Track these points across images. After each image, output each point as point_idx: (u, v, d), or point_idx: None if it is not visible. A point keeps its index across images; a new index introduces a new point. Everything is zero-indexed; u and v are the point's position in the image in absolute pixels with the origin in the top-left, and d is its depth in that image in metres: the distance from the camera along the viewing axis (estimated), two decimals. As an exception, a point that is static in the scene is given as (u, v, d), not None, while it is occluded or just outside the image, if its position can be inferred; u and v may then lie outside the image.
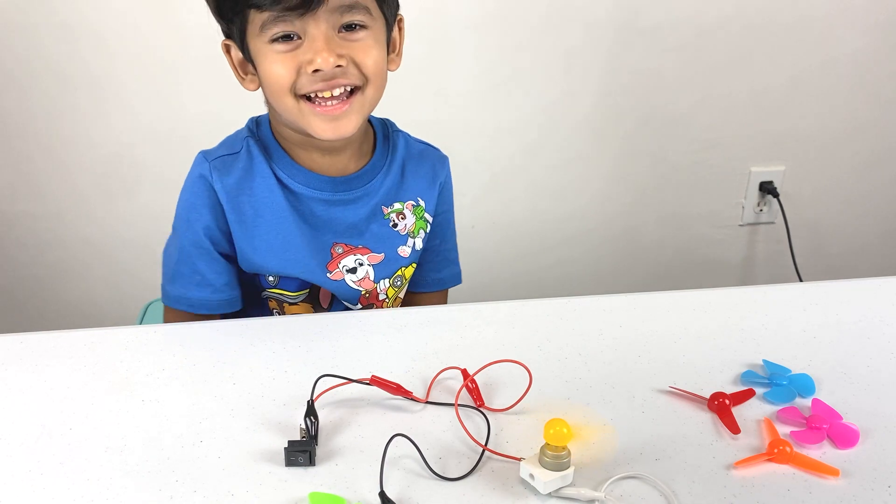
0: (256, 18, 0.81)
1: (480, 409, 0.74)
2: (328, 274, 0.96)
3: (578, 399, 0.76)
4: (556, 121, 1.77)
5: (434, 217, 1.02)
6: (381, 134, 0.98)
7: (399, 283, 1.00)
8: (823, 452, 0.68)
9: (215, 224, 0.92)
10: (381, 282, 0.98)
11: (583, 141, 1.81)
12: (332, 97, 0.84)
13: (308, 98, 0.84)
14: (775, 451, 0.67)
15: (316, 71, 0.81)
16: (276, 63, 0.82)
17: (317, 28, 0.80)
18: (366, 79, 0.85)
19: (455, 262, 1.09)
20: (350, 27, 0.83)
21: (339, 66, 0.81)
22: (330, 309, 0.99)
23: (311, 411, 0.70)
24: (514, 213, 1.84)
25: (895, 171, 1.96)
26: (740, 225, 1.97)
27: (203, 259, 0.93)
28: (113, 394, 0.77)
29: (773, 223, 1.97)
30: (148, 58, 1.56)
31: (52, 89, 1.57)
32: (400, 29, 0.93)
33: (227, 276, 0.94)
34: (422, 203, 0.99)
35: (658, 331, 0.86)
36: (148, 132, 1.58)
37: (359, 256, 0.96)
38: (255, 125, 0.95)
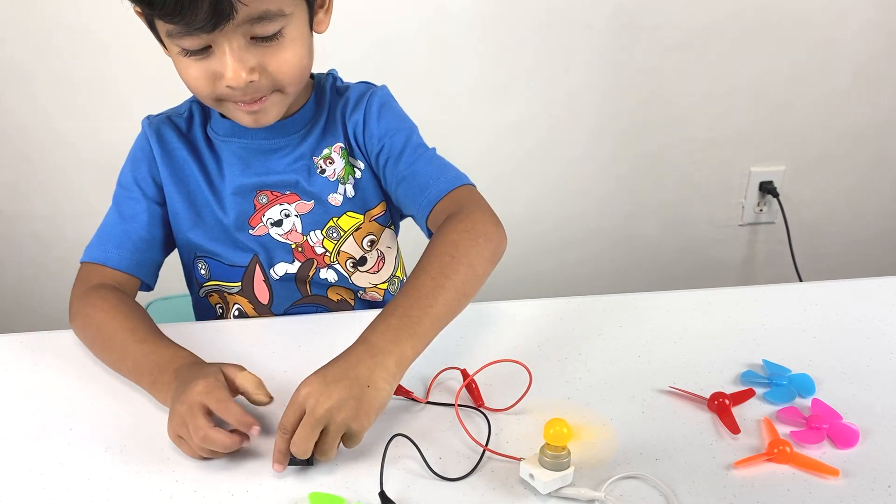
0: (161, 25, 0.76)
1: (480, 409, 0.74)
2: (251, 230, 0.92)
3: (578, 399, 0.76)
4: (556, 121, 1.77)
5: (381, 145, 0.91)
6: (318, 85, 0.94)
7: (335, 235, 0.93)
8: (823, 452, 0.68)
9: (150, 176, 0.93)
10: (312, 234, 0.93)
11: (583, 141, 1.81)
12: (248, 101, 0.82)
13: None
14: (775, 451, 0.67)
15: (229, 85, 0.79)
16: (190, 68, 0.79)
17: (226, 41, 0.75)
18: (282, 84, 0.81)
19: (445, 168, 0.90)
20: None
21: (251, 80, 0.78)
22: (271, 305, 0.95)
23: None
24: (513, 214, 1.84)
25: (895, 171, 1.96)
26: (740, 225, 1.97)
27: (126, 203, 0.93)
28: (113, 394, 0.77)
29: (773, 223, 1.97)
30: (148, 58, 1.56)
31: (52, 89, 1.57)
32: None
33: (145, 219, 0.92)
34: (347, 146, 0.93)
35: (658, 331, 0.86)
36: (148, 132, 1.58)
37: (285, 206, 0.92)
38: None
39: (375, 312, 0.92)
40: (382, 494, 0.63)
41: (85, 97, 1.59)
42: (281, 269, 0.94)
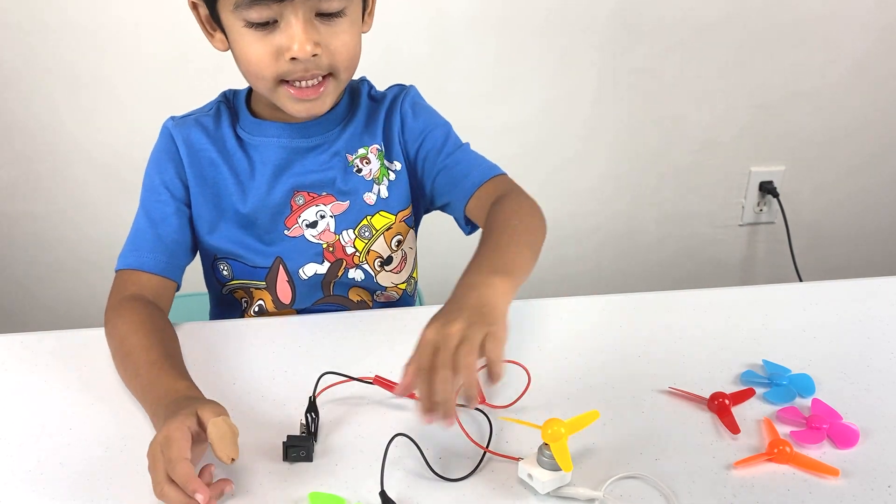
0: None
1: (481, 408, 0.74)
2: (286, 231, 0.93)
3: (578, 399, 0.76)
4: (556, 121, 1.77)
5: (422, 138, 0.95)
6: (350, 86, 0.96)
7: (367, 234, 0.94)
8: (823, 452, 0.68)
9: (177, 178, 0.92)
10: (344, 233, 0.93)
11: (583, 141, 1.81)
12: (308, 79, 0.83)
13: (283, 80, 0.84)
14: (775, 451, 0.67)
15: (293, 58, 0.80)
16: (253, 45, 0.81)
17: (294, 14, 0.78)
18: (338, 67, 0.84)
19: (483, 159, 0.97)
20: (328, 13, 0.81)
21: (315, 54, 0.80)
22: (293, 304, 0.96)
23: (312, 407, 0.70)
24: (514, 213, 1.84)
25: (895, 171, 1.96)
26: (740, 225, 1.97)
27: (154, 206, 0.91)
28: (113, 394, 0.77)
29: (773, 223, 1.97)
30: (148, 58, 1.56)
31: (52, 89, 1.57)
32: None
33: (176, 221, 0.91)
34: (384, 148, 0.95)
35: (658, 331, 0.86)
36: (148, 132, 1.58)
37: (321, 207, 0.92)
38: (233, 94, 0.96)
39: (376, 312, 0.93)
40: (383, 494, 0.63)
41: (86, 97, 1.59)
42: (310, 269, 0.94)
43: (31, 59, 1.54)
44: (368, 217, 0.94)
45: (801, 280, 1.89)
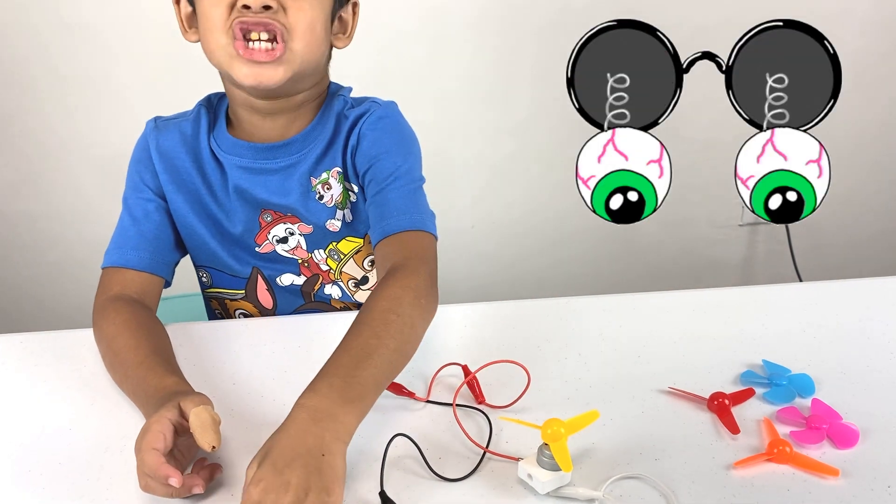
0: None
1: (481, 408, 0.74)
2: (257, 248, 0.92)
3: (578, 399, 0.76)
4: (555, 120, 1.77)
5: (369, 165, 0.88)
6: (326, 106, 0.92)
7: (337, 257, 0.93)
8: (823, 452, 0.68)
9: (155, 178, 0.92)
10: (316, 252, 0.93)
11: (583, 141, 1.81)
12: (260, 40, 0.81)
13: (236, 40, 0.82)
14: (775, 451, 0.67)
15: (246, 7, 0.79)
16: (214, 5, 0.80)
17: None
18: (293, 30, 0.81)
19: (415, 208, 0.87)
20: None
21: (268, 6, 0.78)
22: (275, 309, 0.95)
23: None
24: (513, 213, 1.84)
25: (895, 172, 1.96)
26: (740, 225, 1.97)
27: (137, 203, 0.91)
28: (113, 394, 0.77)
29: (773, 223, 1.97)
30: (148, 58, 1.56)
31: (52, 89, 1.58)
32: (354, 13, 0.90)
33: (158, 218, 0.91)
34: (344, 170, 0.91)
35: (658, 331, 0.86)
36: (148, 132, 1.59)
37: (289, 225, 0.92)
38: (217, 98, 0.95)
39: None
40: (383, 494, 0.63)
41: (85, 97, 1.59)
42: (287, 279, 0.94)
43: (30, 58, 1.54)
44: (335, 243, 0.93)
45: (801, 280, 1.89)
